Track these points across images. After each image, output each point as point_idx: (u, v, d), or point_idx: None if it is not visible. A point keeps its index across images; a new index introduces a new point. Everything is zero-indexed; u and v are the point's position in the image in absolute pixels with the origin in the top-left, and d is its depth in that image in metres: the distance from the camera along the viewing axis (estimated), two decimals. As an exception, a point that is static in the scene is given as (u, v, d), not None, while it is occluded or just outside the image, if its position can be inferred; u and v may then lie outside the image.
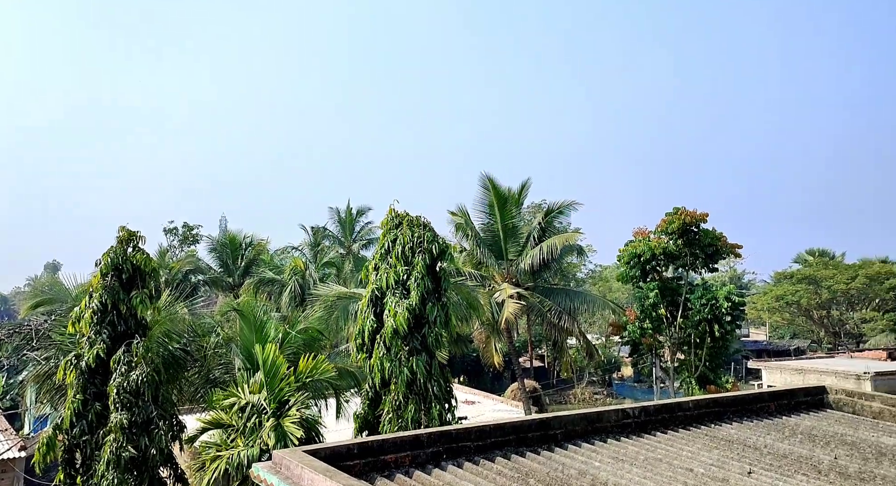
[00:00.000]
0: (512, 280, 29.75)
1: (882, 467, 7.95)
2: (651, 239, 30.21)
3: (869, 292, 53.56)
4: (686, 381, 28.71)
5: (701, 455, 8.23)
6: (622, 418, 9.18)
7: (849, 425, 10.09)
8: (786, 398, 10.92)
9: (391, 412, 11.14)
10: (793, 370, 38.02)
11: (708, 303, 28.09)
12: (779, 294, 57.63)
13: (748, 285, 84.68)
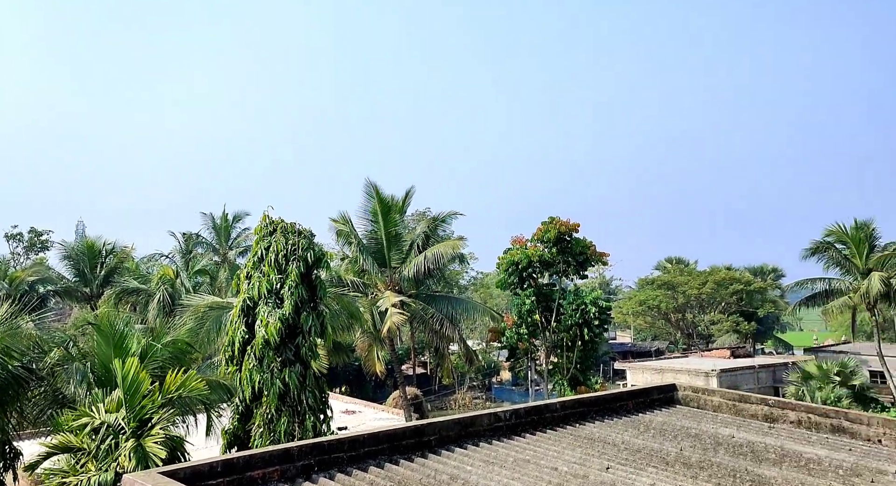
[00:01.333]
0: (395, 288, 29.80)
1: (718, 455, 8.82)
2: (528, 247, 31.56)
3: (716, 296, 59.39)
4: (559, 383, 30.20)
5: (565, 454, 8.69)
6: (494, 421, 9.47)
7: (693, 418, 11.10)
8: (642, 397, 11.81)
9: (262, 425, 10.74)
10: (653, 370, 41.34)
11: (578, 308, 29.79)
12: (642, 299, 62.35)
13: (616, 291, 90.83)
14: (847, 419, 10.24)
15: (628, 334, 78.35)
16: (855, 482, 7.88)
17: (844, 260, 43.17)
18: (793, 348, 62.67)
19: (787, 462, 8.61)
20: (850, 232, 43.01)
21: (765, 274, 70.83)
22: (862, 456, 9.02)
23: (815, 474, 8.15)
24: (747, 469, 8.21)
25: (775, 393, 40.65)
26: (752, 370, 41.10)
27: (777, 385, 41.05)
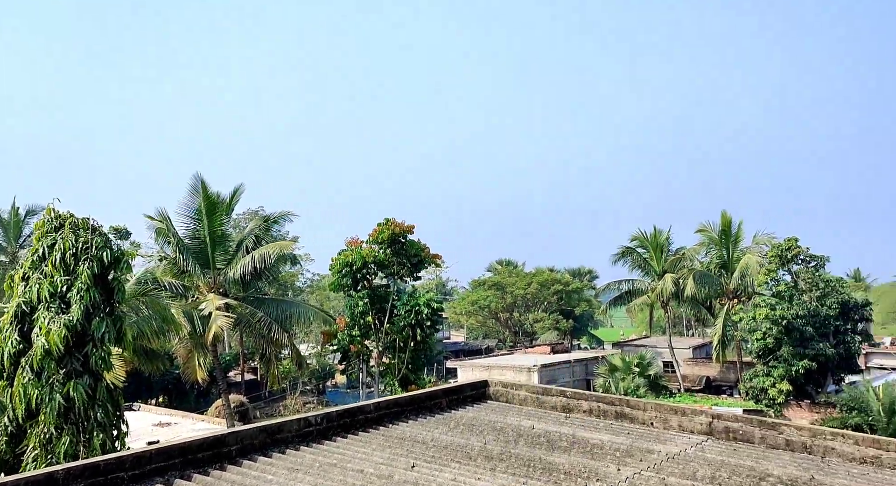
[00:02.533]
0: (220, 290, 28.07)
1: (518, 446, 9.40)
2: (363, 248, 31.47)
3: (540, 296, 63.90)
4: (390, 383, 30.47)
5: (374, 456, 8.71)
6: (304, 426, 9.24)
7: (501, 412, 11.75)
8: (456, 394, 12.25)
9: (38, 447, 9.44)
10: (482, 367, 43.39)
11: (412, 309, 30.30)
12: (474, 299, 65.20)
13: (451, 292, 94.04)
14: (628, 406, 11.47)
15: (462, 333, 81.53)
16: (628, 461, 8.82)
17: (645, 263, 48.85)
18: (603, 343, 69.43)
19: (576, 448, 9.42)
20: (650, 238, 48.76)
21: (582, 275, 77.76)
22: (636, 438, 10.15)
23: (597, 457, 9.00)
24: (541, 458, 8.83)
25: (587, 385, 44.70)
26: (569, 365, 44.77)
27: (589, 378, 45.15)
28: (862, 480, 8.61)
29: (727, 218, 43.64)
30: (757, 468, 8.83)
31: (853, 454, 9.52)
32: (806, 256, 38.91)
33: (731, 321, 40.62)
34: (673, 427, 11.03)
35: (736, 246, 43.72)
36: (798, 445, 10.09)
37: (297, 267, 56.23)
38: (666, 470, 8.52)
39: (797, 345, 35.76)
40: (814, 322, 36.51)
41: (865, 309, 39.53)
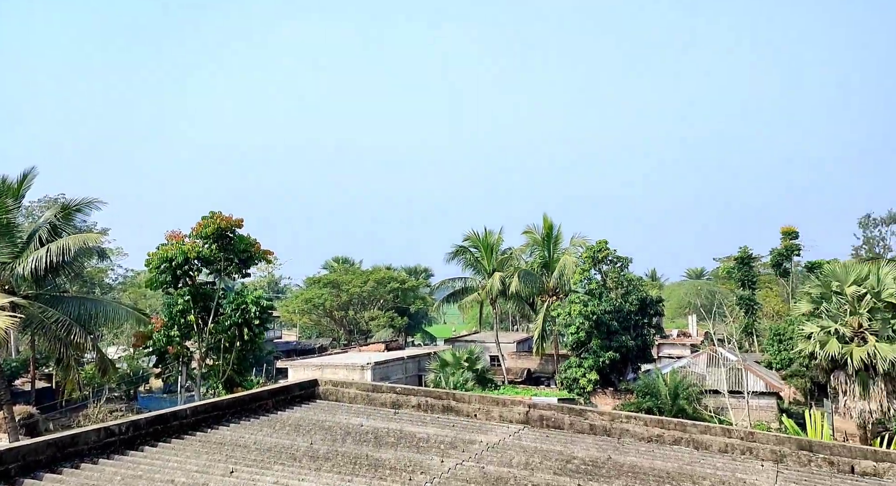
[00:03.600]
0: (5, 287, 24.32)
1: (345, 445, 9.30)
2: (185, 243, 29.20)
3: (376, 294, 64.13)
4: (213, 386, 28.63)
5: (188, 463, 8.08)
6: (106, 436, 8.31)
7: (330, 411, 11.56)
8: (283, 394, 11.81)
9: None
10: (314, 367, 42.42)
11: (239, 307, 28.71)
12: (308, 297, 63.62)
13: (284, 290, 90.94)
14: (455, 400, 11.90)
15: (294, 332, 79.16)
16: (451, 453, 9.13)
17: (476, 262, 51.19)
18: (436, 339, 71.59)
19: (403, 443, 9.55)
20: (481, 238, 51.17)
21: (418, 274, 79.45)
22: (461, 430, 10.56)
23: (423, 451, 9.20)
24: (368, 455, 8.81)
25: (419, 381, 45.72)
26: (402, 361, 45.44)
27: (421, 374, 46.21)
28: (648, 456, 9.77)
29: (549, 222, 47.33)
30: (565, 452, 9.62)
31: (643, 433, 10.78)
32: (613, 257, 43.46)
33: (550, 317, 44.07)
34: (494, 418, 11.65)
35: (556, 247, 47.56)
36: (600, 428, 11.18)
37: (107, 262, 50.66)
38: (486, 459, 8.96)
39: (604, 338, 39.79)
40: (618, 317, 40.90)
41: (659, 305, 45.09)
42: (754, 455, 10.17)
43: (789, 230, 59.99)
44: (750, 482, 8.73)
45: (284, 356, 53.32)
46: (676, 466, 9.32)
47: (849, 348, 32.42)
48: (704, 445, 10.61)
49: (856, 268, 35.44)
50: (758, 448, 10.27)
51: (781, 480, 9.02)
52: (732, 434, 10.71)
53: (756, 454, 10.22)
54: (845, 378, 33.56)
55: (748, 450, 10.32)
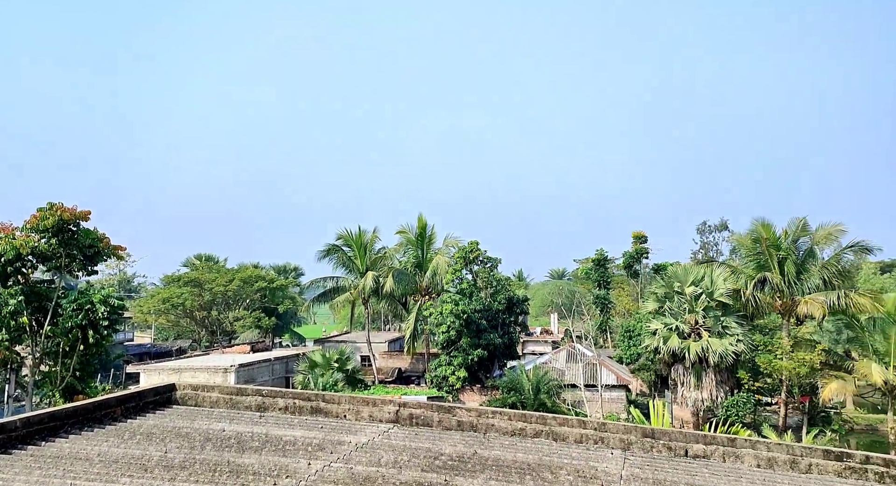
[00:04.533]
0: None
1: (204, 452, 8.77)
2: (17, 237, 26.02)
3: (242, 293, 61.20)
4: (49, 395, 25.77)
5: (16, 481, 7.21)
6: None
7: (188, 417, 10.84)
8: (133, 401, 10.91)
9: None
10: (171, 370, 39.58)
11: (82, 308, 26.06)
12: (165, 297, 59.26)
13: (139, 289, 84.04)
14: (324, 401, 11.65)
15: (149, 334, 73.39)
16: (319, 455, 8.94)
17: (349, 261, 50.55)
18: (305, 340, 69.78)
19: (268, 447, 9.19)
20: (355, 237, 50.61)
21: (287, 272, 76.94)
22: (330, 432, 10.36)
23: (289, 454, 8.92)
24: (229, 461, 8.38)
25: (287, 383, 44.30)
26: (269, 363, 43.76)
27: (289, 375, 44.80)
28: (511, 449, 10.20)
29: (423, 221, 47.87)
30: (433, 449, 9.77)
31: (507, 428, 11.24)
32: (484, 258, 44.94)
33: (423, 316, 44.63)
34: (364, 418, 11.56)
35: (429, 247, 48.23)
36: (467, 424, 11.49)
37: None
38: (354, 459, 8.86)
39: (474, 336, 41.01)
40: (487, 316, 42.34)
41: (525, 304, 47.30)
42: (605, 444, 10.98)
43: (639, 235, 65.54)
44: (601, 470, 9.39)
45: (137, 360, 49.25)
46: (537, 458, 9.81)
47: (687, 344, 36.07)
48: (562, 436, 11.26)
49: (693, 270, 39.55)
50: (609, 438, 11.09)
51: (628, 465, 9.80)
52: (587, 426, 11.47)
53: (607, 442, 11.03)
54: (683, 371, 37.31)
55: (600, 440, 11.12)
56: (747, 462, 10.03)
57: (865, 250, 35.45)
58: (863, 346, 34.90)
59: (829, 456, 9.54)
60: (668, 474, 9.31)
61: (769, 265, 36.08)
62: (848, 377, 34.60)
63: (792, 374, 33.99)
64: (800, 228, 36.22)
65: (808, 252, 36.13)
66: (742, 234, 40.88)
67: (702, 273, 38.04)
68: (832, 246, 35.68)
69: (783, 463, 9.78)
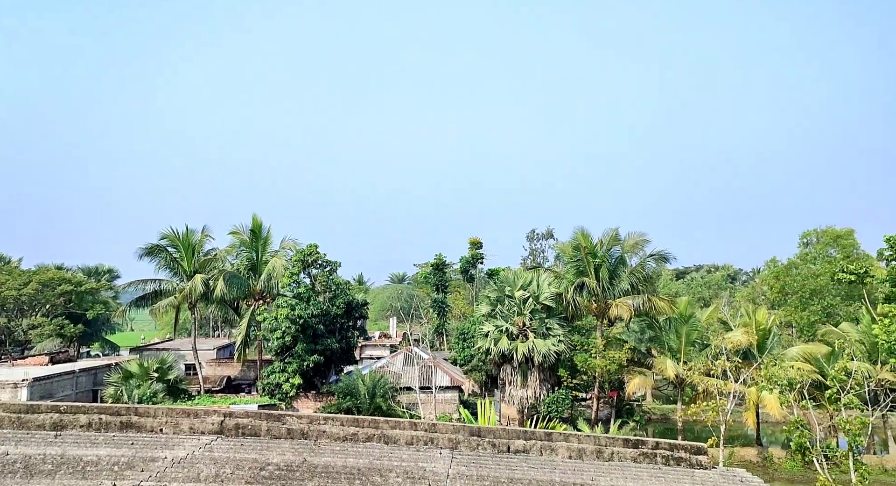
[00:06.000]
0: None
1: (-20, 481, 7.56)
2: None
3: (41, 298, 53.88)
4: None
5: None
6: None
7: (-39, 442, 9.28)
8: None
9: None
10: (-56, 387, 33.63)
11: None
12: (-60, 301, 50.32)
13: None
14: (137, 414, 10.63)
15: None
16: (127, 474, 8.12)
17: (175, 263, 46.74)
18: (119, 348, 63.16)
19: (64, 470, 8.16)
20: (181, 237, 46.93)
21: (100, 275, 69.15)
22: (142, 448, 9.47)
23: (90, 476, 8.00)
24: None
25: (94, 397, 39.77)
26: (73, 376, 39.00)
27: (98, 388, 40.28)
28: (342, 455, 10.09)
29: (258, 222, 45.73)
30: (260, 459, 9.34)
31: (339, 433, 11.10)
32: (323, 261, 44.04)
33: (256, 321, 42.58)
34: (184, 431, 10.73)
35: (265, 249, 46.18)
36: (298, 432, 11.15)
37: None
38: (169, 476, 8.18)
39: (310, 341, 39.99)
40: (325, 320, 41.53)
41: (364, 308, 47.15)
42: (435, 445, 11.28)
43: (475, 241, 68.62)
44: (430, 470, 9.63)
45: None
46: (368, 462, 9.80)
47: (515, 344, 38.39)
48: (394, 439, 11.38)
49: (522, 275, 42.28)
50: (438, 438, 11.42)
51: (455, 464, 10.16)
52: (418, 427, 11.71)
53: (437, 443, 11.34)
54: (511, 370, 39.67)
55: (430, 441, 11.40)
56: (561, 454, 10.89)
57: (663, 258, 40.26)
58: (660, 344, 39.71)
59: (627, 444, 10.68)
60: (490, 470, 9.80)
61: (587, 271, 39.64)
62: (648, 373, 39.14)
63: (603, 371, 37.62)
64: (612, 238, 40.26)
65: (619, 260, 40.27)
66: (565, 242, 44.57)
67: (530, 278, 40.78)
68: (638, 254, 40.14)
69: (591, 453, 10.77)
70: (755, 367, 33.79)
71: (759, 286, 67.77)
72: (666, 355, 38.45)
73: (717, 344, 35.85)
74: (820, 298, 53.65)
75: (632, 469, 10.12)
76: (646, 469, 10.07)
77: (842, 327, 41.65)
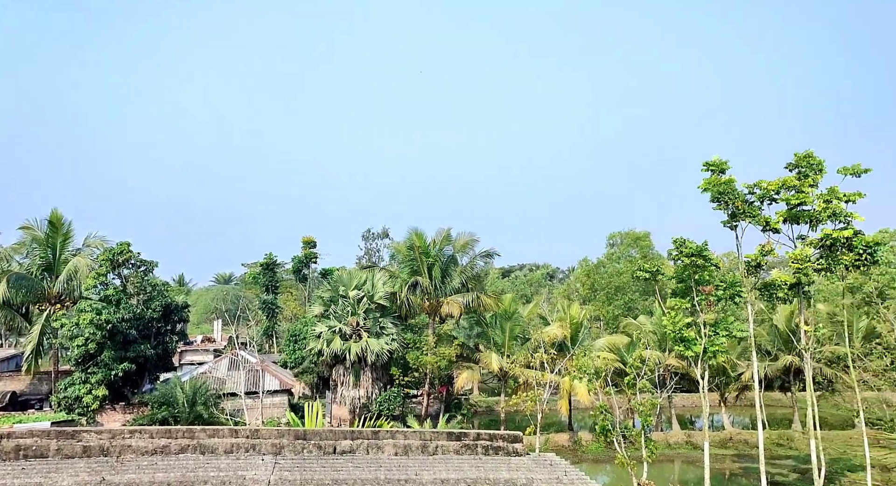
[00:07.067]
0: None
1: None
2: None
3: None
4: None
5: None
6: None
7: None
8: None
9: None
10: None
11: None
12: None
13: None
14: None
15: None
16: None
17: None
18: None
19: None
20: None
21: None
22: None
23: None
24: None
25: None
26: None
27: None
28: (150, 469, 9.20)
29: (58, 215, 40.33)
30: (45, 483, 8.18)
31: (147, 447, 10.10)
32: (137, 260, 39.99)
33: (51, 328, 37.50)
34: (-56, 459, 9.06)
35: (65, 247, 40.83)
36: (97, 449, 9.96)
37: None
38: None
39: (119, 348, 36.08)
40: (138, 325, 37.73)
41: (184, 311, 43.67)
42: (257, 451, 10.74)
43: (309, 240, 66.92)
44: (250, 478, 9.15)
45: None
46: (180, 475, 9.05)
47: (348, 344, 38.06)
48: (211, 449, 10.63)
49: (357, 274, 42.09)
50: (261, 444, 10.89)
51: (278, 469, 9.76)
52: (239, 434, 11.07)
53: (259, 449, 10.80)
54: (344, 371, 39.26)
55: (252, 447, 10.83)
56: (387, 452, 10.95)
57: (488, 256, 42.52)
58: (487, 339, 41.87)
59: (450, 438, 11.05)
60: (315, 473, 9.56)
61: (421, 270, 40.55)
62: (475, 367, 41.06)
63: (434, 367, 38.74)
64: (444, 238, 41.65)
65: (451, 259, 41.75)
66: (400, 242, 45.18)
67: (364, 278, 40.73)
68: (469, 254, 41.96)
69: (416, 449, 10.96)
70: (568, 358, 36.97)
71: (574, 283, 74.42)
72: (492, 350, 40.61)
73: (536, 338, 38.67)
74: (623, 293, 60.29)
75: (454, 461, 10.47)
76: (467, 460, 10.49)
77: (640, 319, 47.19)
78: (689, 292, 26.99)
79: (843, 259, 25.20)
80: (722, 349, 26.69)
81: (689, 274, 26.86)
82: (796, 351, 36.80)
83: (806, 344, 27.37)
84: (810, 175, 25.59)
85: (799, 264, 25.58)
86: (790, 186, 25.71)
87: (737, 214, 26.37)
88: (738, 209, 26.14)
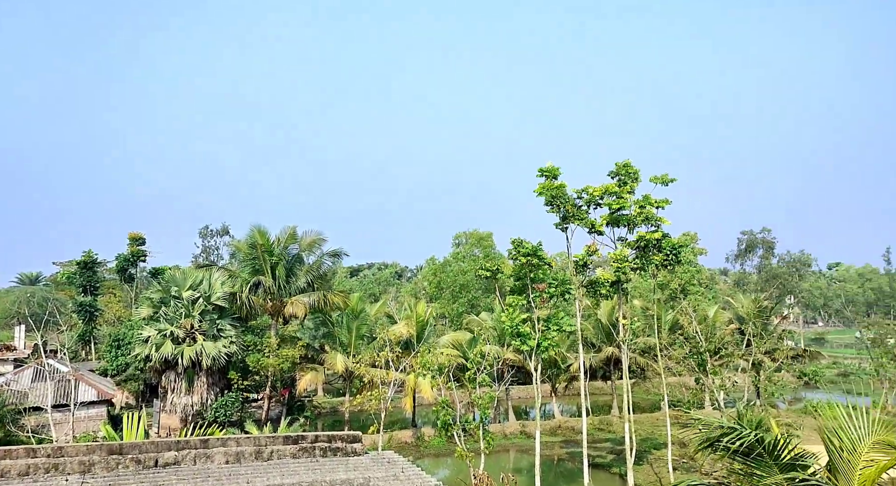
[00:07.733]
0: None
1: None
2: None
3: None
4: None
5: None
6: None
7: None
8: None
9: None
10: None
11: None
12: None
13: None
14: None
15: None
16: None
17: None
18: None
19: None
20: None
21: None
22: None
23: None
24: None
25: None
26: None
27: None
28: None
29: None
30: None
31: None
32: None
33: None
34: None
35: None
36: None
37: None
38: None
39: None
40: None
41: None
42: (60, 471, 9.50)
43: (136, 236, 61.07)
44: (48, 503, 8.05)
45: None
46: (-45, 507, 7.71)
47: (181, 348, 35.26)
48: (1, 473, 9.22)
49: (193, 274, 39.13)
50: (66, 463, 9.65)
51: (85, 490, 8.70)
52: (38, 454, 9.72)
53: (63, 469, 9.57)
54: (175, 376, 36.31)
55: (54, 467, 9.56)
56: (217, 461, 10.25)
57: (336, 255, 41.87)
58: (333, 339, 41.10)
59: (287, 442, 10.62)
60: (130, 490, 8.66)
61: (264, 269, 38.75)
62: (320, 368, 40.12)
63: (276, 370, 37.23)
64: (290, 236, 40.22)
65: (296, 258, 40.39)
66: (241, 240, 42.79)
67: (201, 277, 37.99)
68: (316, 253, 40.91)
69: (250, 455, 10.39)
70: (413, 355, 37.50)
71: (421, 282, 75.76)
72: (337, 350, 39.96)
73: (382, 337, 38.71)
74: (467, 291, 62.47)
75: (290, 466, 10.07)
76: (304, 463, 10.14)
77: (481, 316, 49.20)
78: (526, 290, 28.63)
79: (654, 259, 28.25)
80: (554, 344, 28.65)
81: (526, 273, 28.49)
82: (616, 343, 40.59)
83: (624, 336, 30.26)
84: (628, 182, 28.31)
85: (618, 264, 28.22)
86: (612, 192, 28.27)
87: (567, 217, 28.45)
88: (568, 212, 28.21)
